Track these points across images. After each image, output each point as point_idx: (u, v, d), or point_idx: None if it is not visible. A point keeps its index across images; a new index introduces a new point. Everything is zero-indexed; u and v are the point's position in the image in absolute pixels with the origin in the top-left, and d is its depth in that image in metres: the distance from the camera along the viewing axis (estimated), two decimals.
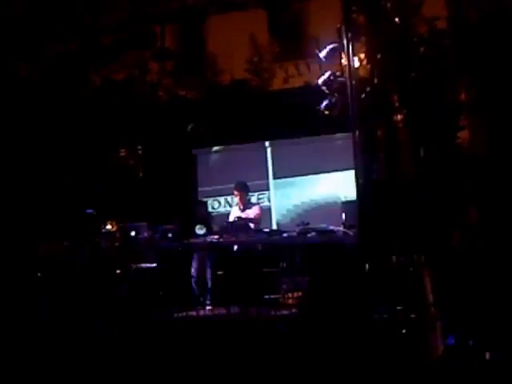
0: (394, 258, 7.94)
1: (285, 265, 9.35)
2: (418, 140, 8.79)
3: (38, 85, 10.49)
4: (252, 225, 9.60)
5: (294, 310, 8.63)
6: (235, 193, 10.09)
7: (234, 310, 8.75)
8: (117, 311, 8.49)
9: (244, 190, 10.06)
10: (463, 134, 8.84)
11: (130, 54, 11.08)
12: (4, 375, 7.32)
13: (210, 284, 9.69)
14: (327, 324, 7.72)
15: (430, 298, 7.58)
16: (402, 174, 8.63)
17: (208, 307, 9.39)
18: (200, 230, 9.68)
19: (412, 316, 7.45)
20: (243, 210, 10.01)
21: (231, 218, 9.99)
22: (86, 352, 7.58)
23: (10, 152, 9.93)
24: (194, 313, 8.89)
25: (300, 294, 8.93)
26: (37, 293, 8.90)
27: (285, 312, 8.62)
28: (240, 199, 10.04)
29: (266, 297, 8.99)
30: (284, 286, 9.17)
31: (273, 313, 8.58)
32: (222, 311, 8.90)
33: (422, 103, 8.64)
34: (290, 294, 9.03)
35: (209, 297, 9.59)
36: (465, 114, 8.82)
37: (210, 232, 9.65)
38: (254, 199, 11.36)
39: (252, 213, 9.95)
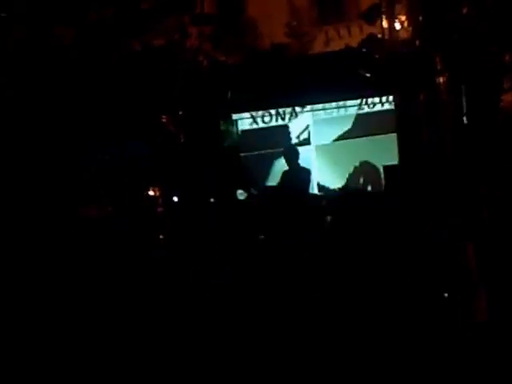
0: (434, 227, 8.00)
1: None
2: (460, 102, 8.77)
3: (79, 52, 10.74)
4: None
5: None
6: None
7: None
8: (156, 277, 8.62)
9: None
10: (507, 97, 8.80)
11: (169, 19, 11.13)
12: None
13: None
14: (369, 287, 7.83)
15: (473, 263, 7.64)
16: (445, 137, 8.58)
17: None
18: (241, 196, 9.95)
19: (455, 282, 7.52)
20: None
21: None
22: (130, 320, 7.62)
23: (56, 113, 10.09)
24: None
25: None
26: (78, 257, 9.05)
27: None
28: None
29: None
30: None
31: None
32: None
33: (464, 65, 8.62)
34: None
35: None
36: (509, 75, 8.78)
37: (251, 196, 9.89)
38: None
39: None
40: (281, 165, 10.98)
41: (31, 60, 10.48)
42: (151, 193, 10.29)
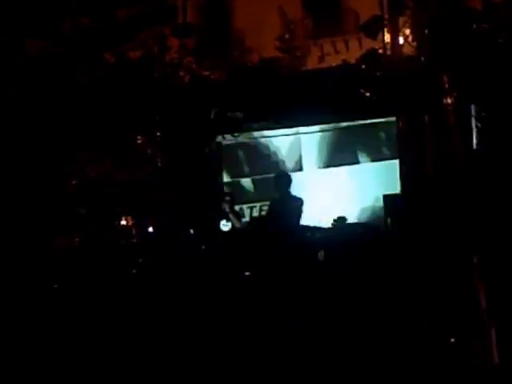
0: (442, 257, 7.96)
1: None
2: (470, 126, 8.85)
3: (48, 64, 10.64)
4: None
5: None
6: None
7: None
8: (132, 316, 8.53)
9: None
10: None
11: (148, 29, 11.19)
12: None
13: None
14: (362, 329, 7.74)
15: (483, 302, 7.57)
16: (453, 165, 8.59)
17: None
18: (225, 227, 9.77)
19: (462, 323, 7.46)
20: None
21: None
22: None
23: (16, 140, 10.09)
24: None
25: None
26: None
27: None
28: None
29: None
30: None
31: None
32: None
33: (475, 84, 8.65)
34: None
35: None
36: None
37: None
38: None
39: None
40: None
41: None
42: (123, 222, 10.28)
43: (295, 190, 10.58)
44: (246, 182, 12.26)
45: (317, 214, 11.73)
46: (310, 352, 7.45)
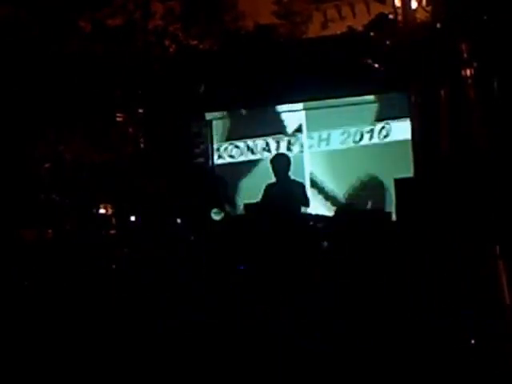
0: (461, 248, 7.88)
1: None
2: (491, 101, 8.68)
3: (15, 32, 10.53)
4: None
5: None
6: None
7: None
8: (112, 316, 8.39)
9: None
10: None
11: None
12: None
13: None
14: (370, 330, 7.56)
15: (507, 298, 7.48)
16: (472, 144, 8.58)
17: None
18: (216, 215, 9.65)
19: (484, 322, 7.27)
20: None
21: None
22: None
23: None
24: None
25: None
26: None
27: None
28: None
29: None
30: None
31: None
32: None
33: (497, 54, 8.53)
34: None
35: None
36: None
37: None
38: None
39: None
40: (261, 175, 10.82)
41: None
42: (102, 211, 10.15)
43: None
44: None
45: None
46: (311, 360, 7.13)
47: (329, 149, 11.92)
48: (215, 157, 12.01)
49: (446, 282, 7.70)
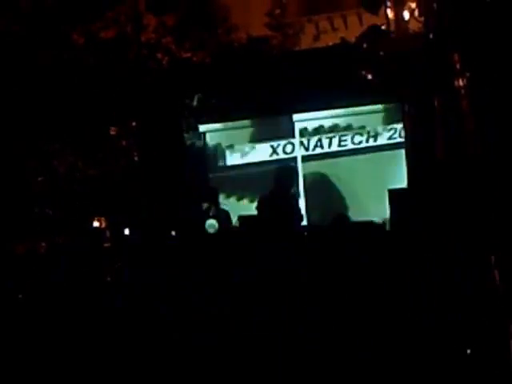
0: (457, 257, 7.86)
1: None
2: (484, 110, 8.58)
3: (6, 44, 10.52)
4: None
5: None
6: None
7: None
8: (106, 330, 8.40)
9: None
10: None
11: (120, 5, 11.11)
12: None
13: None
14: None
15: (503, 305, 7.44)
16: (465, 153, 8.47)
17: None
18: (211, 228, 9.63)
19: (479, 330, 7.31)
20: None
21: None
22: None
23: None
24: None
25: None
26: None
27: None
28: None
29: None
30: None
31: None
32: None
33: (489, 64, 8.45)
34: None
35: None
36: None
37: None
38: None
39: None
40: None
41: None
42: (96, 224, 10.14)
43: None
44: None
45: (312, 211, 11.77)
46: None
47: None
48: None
49: (442, 291, 7.67)
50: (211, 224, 9.71)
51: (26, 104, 10.22)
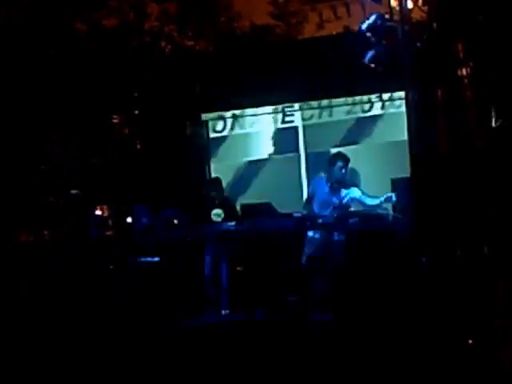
0: (458, 250, 7.84)
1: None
2: (488, 100, 8.57)
3: (11, 34, 10.53)
4: None
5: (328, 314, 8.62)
6: None
7: (255, 314, 8.70)
8: (108, 318, 8.51)
9: None
10: None
11: None
12: None
13: (226, 283, 9.65)
14: (370, 333, 7.68)
15: (504, 301, 7.45)
16: (468, 143, 8.46)
17: (223, 311, 9.38)
18: (217, 217, 9.65)
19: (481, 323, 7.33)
20: None
21: None
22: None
23: None
24: (206, 319, 8.95)
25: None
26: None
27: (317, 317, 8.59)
28: None
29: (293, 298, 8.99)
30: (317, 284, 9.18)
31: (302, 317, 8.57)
32: (240, 316, 8.91)
33: (493, 53, 8.43)
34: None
35: (225, 298, 9.56)
36: None
37: (229, 218, 9.61)
38: None
39: None
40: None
41: None
42: (98, 212, 10.10)
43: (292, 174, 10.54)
44: None
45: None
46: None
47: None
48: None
49: (443, 284, 7.69)
50: (217, 213, 9.71)
51: (29, 93, 10.21)
